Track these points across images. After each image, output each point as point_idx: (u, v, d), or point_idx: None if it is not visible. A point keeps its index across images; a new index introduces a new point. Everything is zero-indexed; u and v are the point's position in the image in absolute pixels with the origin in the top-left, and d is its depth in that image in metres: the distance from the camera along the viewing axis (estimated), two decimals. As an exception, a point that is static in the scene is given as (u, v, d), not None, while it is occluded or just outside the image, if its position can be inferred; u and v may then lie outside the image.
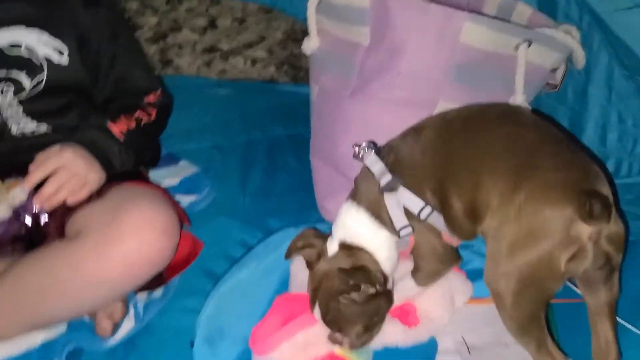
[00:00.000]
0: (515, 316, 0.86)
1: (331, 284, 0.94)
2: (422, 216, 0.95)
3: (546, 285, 0.85)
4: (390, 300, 0.98)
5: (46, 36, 1.14)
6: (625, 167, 1.33)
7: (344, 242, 0.97)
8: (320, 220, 1.28)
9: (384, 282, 0.96)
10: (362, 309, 0.93)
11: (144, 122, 1.18)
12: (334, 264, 0.96)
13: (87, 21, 1.18)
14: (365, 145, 1.02)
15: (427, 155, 0.97)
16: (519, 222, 0.83)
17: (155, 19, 2.05)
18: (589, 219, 0.78)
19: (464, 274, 1.05)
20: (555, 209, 0.80)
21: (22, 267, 1.02)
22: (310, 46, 1.33)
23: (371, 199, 0.98)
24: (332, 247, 0.98)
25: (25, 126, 1.15)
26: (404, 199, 0.96)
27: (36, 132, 1.16)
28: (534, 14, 1.35)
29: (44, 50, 1.13)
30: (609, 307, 0.88)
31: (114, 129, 1.13)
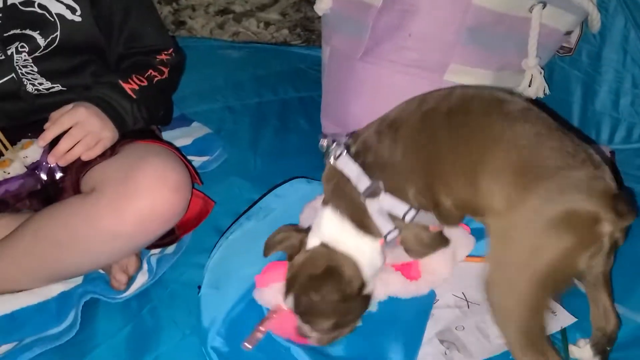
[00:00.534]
0: (523, 328, 0.81)
1: (305, 278, 0.91)
2: (407, 219, 0.91)
3: (559, 287, 0.83)
4: (365, 304, 0.94)
5: None
6: (637, 132, 1.32)
7: (325, 244, 0.93)
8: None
9: (358, 288, 0.92)
10: (333, 307, 0.90)
11: (156, 79, 1.18)
12: (310, 259, 0.93)
13: None
14: (331, 141, 0.96)
15: (408, 155, 0.90)
16: (535, 226, 0.79)
17: (169, -20, 2.04)
18: (618, 219, 0.77)
19: (468, 229, 1.06)
20: (580, 212, 0.77)
21: (39, 221, 1.05)
22: (322, 7, 1.33)
23: (353, 205, 0.93)
24: (312, 241, 0.94)
25: (40, 85, 1.17)
26: (387, 205, 0.91)
27: (51, 91, 1.18)
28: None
29: (57, 7, 1.14)
30: (604, 276, 0.87)
31: (127, 86, 1.14)
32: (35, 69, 1.15)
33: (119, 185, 1.00)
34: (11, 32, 1.12)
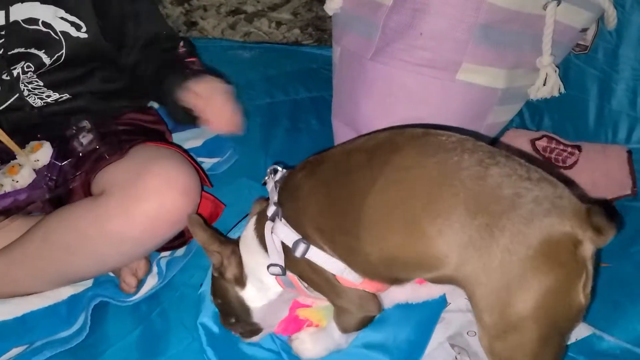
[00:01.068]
0: None
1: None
2: (297, 253, 0.82)
3: (568, 329, 0.74)
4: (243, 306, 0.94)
5: (62, 12, 1.12)
6: (655, 132, 1.29)
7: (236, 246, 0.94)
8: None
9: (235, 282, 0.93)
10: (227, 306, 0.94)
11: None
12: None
13: None
14: (270, 170, 0.94)
15: (318, 191, 0.82)
16: (513, 272, 0.68)
17: (180, -19, 2.04)
18: (598, 236, 0.68)
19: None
20: (555, 238, 0.68)
21: (49, 225, 1.06)
22: (332, 6, 1.32)
23: (262, 225, 0.89)
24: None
25: (47, 98, 1.17)
26: (279, 232, 0.84)
27: (58, 100, 1.18)
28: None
29: (62, 25, 1.12)
30: None
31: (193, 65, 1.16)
32: (41, 83, 1.15)
33: (127, 187, 1.01)
34: (16, 51, 1.11)
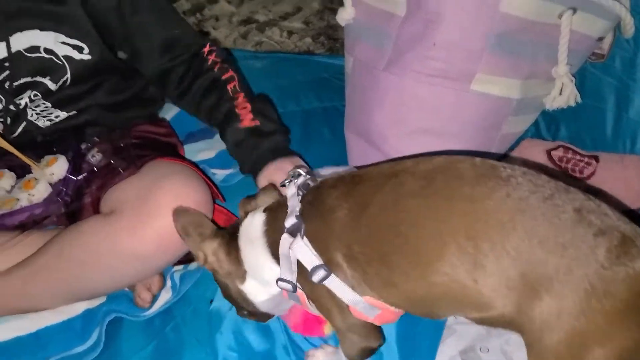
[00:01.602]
0: None
1: None
2: (315, 278, 0.77)
3: None
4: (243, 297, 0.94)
5: (62, 37, 1.10)
6: (674, 142, 1.27)
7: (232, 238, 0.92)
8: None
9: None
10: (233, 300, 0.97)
11: (236, 84, 1.19)
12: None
13: (100, 7, 1.12)
14: (292, 172, 0.89)
15: (354, 216, 0.76)
16: (595, 313, 0.63)
17: (192, -9, 2.05)
18: None
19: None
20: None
21: (63, 241, 1.06)
22: (344, 17, 1.31)
23: (276, 232, 0.84)
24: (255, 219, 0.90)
25: (56, 118, 1.17)
26: (297, 250, 0.79)
27: (64, 116, 1.18)
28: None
29: (64, 49, 1.11)
30: None
31: (250, 124, 1.15)
32: (48, 104, 1.15)
33: (139, 205, 1.00)
34: (22, 81, 1.11)
